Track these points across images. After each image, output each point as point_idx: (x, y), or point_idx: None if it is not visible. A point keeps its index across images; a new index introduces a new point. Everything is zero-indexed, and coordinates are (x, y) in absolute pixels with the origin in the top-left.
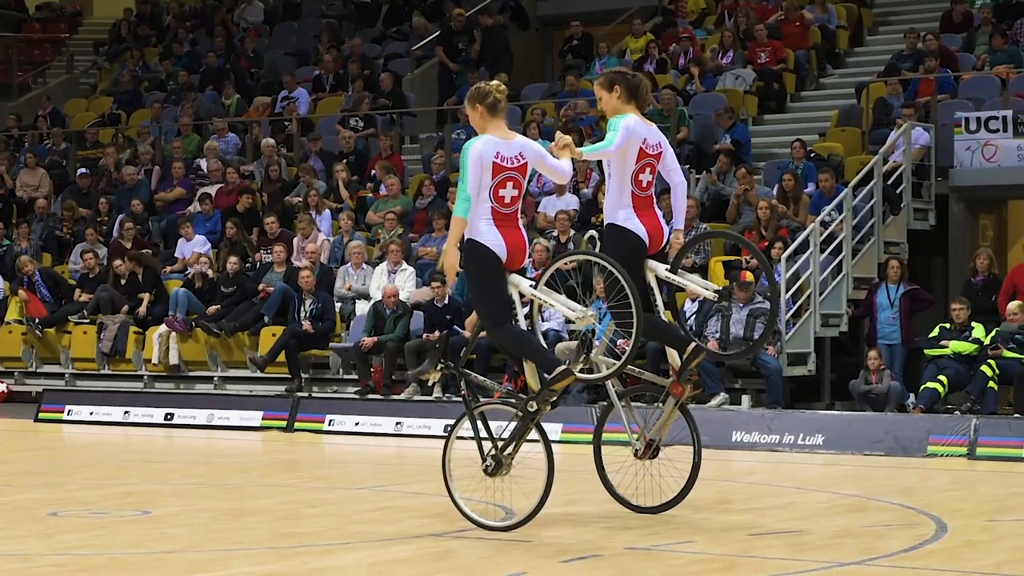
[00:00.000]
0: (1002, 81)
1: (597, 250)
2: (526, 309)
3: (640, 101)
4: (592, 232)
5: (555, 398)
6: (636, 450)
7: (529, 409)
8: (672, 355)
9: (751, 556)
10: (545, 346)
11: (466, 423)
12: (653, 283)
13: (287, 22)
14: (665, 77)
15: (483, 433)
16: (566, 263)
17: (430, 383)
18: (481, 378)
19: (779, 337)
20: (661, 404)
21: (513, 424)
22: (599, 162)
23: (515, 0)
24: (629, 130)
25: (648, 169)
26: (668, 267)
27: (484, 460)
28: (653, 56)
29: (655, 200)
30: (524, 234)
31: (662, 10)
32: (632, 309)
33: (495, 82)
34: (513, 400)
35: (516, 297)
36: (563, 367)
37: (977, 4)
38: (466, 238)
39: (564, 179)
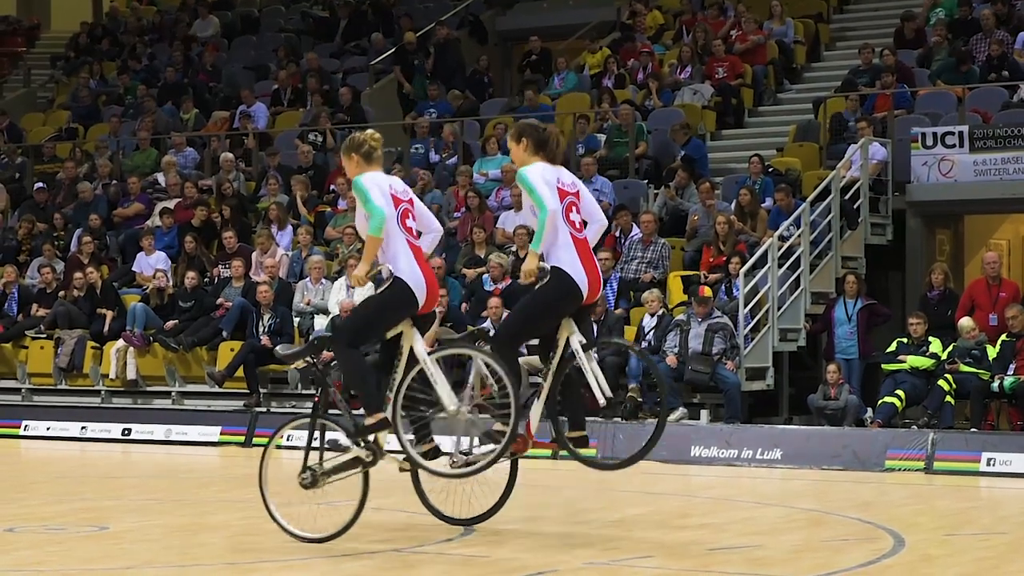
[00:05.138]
0: (958, 97)
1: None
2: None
3: (549, 153)
4: (476, 329)
5: (377, 454)
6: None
7: (364, 458)
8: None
9: (710, 571)
10: (371, 385)
11: (288, 431)
12: (574, 342)
13: (245, 36)
14: (624, 92)
15: (314, 444)
16: (451, 355)
17: (291, 366)
18: (340, 398)
19: (737, 352)
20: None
21: (342, 457)
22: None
23: (473, 15)
24: (542, 179)
25: (573, 208)
26: (584, 341)
27: (304, 471)
28: (612, 71)
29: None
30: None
31: (621, 25)
32: (510, 402)
33: (369, 131)
34: (352, 430)
35: (405, 352)
36: (381, 416)
37: (931, 21)
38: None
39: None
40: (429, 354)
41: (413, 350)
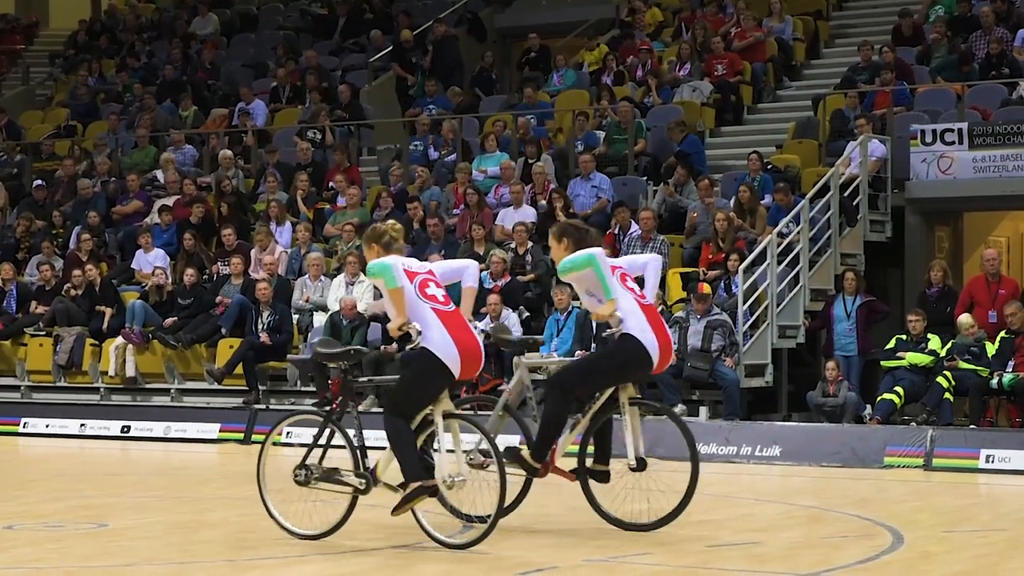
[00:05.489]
0: (957, 94)
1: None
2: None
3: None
4: (529, 338)
5: (370, 483)
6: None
7: (359, 485)
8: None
9: (709, 568)
10: (411, 454)
11: (284, 428)
12: (623, 397)
13: (244, 34)
14: (623, 89)
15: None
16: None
17: (343, 366)
18: (355, 413)
19: (736, 348)
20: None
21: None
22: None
23: (472, 12)
24: (605, 268)
25: (627, 278)
26: (635, 397)
27: (300, 468)
28: (611, 68)
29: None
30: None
31: (620, 22)
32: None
33: (390, 221)
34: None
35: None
36: (417, 485)
37: (931, 18)
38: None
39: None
40: (445, 417)
41: (433, 413)
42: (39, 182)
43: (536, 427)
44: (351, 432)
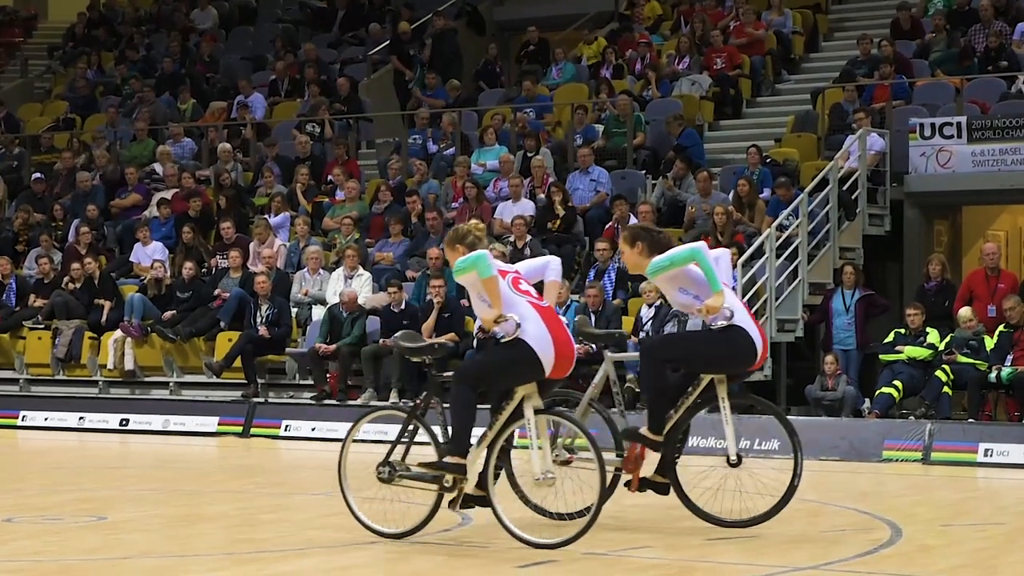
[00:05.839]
0: (956, 88)
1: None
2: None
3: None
4: (617, 332)
5: (460, 489)
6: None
7: (444, 484)
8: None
9: (707, 561)
10: (469, 428)
11: (364, 426)
12: (722, 391)
13: (243, 27)
14: (622, 83)
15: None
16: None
17: (427, 360)
18: (441, 410)
19: None
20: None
21: (423, 471)
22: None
23: (471, 5)
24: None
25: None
26: (736, 391)
27: (384, 464)
28: (610, 61)
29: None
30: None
31: (619, 16)
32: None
33: (473, 221)
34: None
35: (513, 405)
36: (462, 462)
37: (930, 11)
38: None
39: None
40: (537, 413)
41: (523, 406)
42: (38, 175)
43: (622, 421)
44: (436, 428)
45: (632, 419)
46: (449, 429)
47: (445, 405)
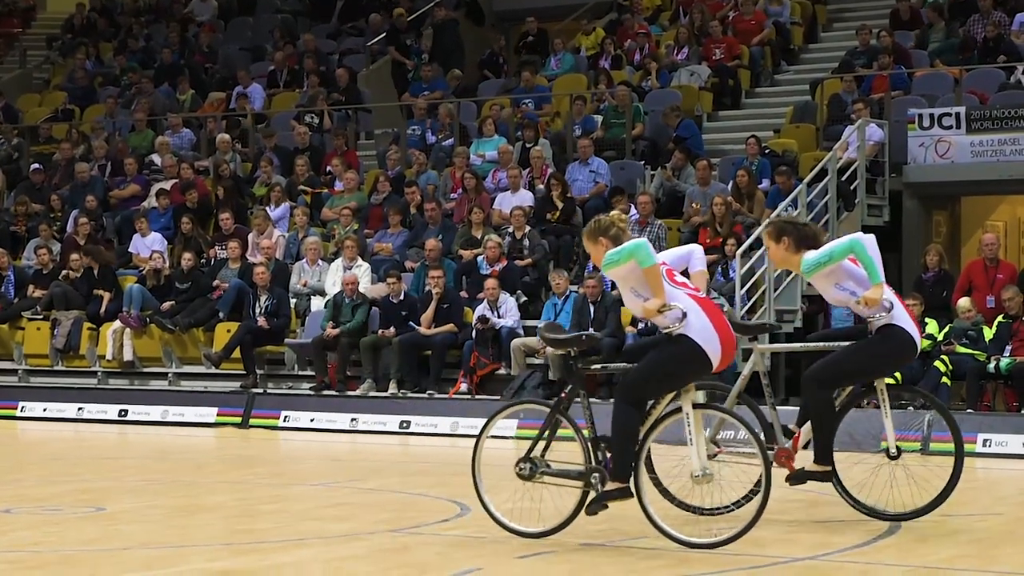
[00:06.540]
0: (955, 78)
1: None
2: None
3: (813, 245)
4: (768, 324)
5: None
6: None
7: (593, 481)
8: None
9: (705, 552)
10: (630, 453)
11: (499, 421)
12: (880, 385)
13: (241, 17)
14: (620, 73)
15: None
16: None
17: (572, 352)
18: (586, 404)
19: None
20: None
21: (571, 467)
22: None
23: None
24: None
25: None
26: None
27: (525, 461)
28: (608, 52)
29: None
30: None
31: (617, 6)
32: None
33: (615, 212)
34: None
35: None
36: (624, 486)
37: (928, 1)
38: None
39: None
40: (695, 407)
41: (680, 401)
42: (36, 166)
43: (772, 415)
44: (581, 423)
45: (782, 413)
46: (592, 439)
47: (592, 400)
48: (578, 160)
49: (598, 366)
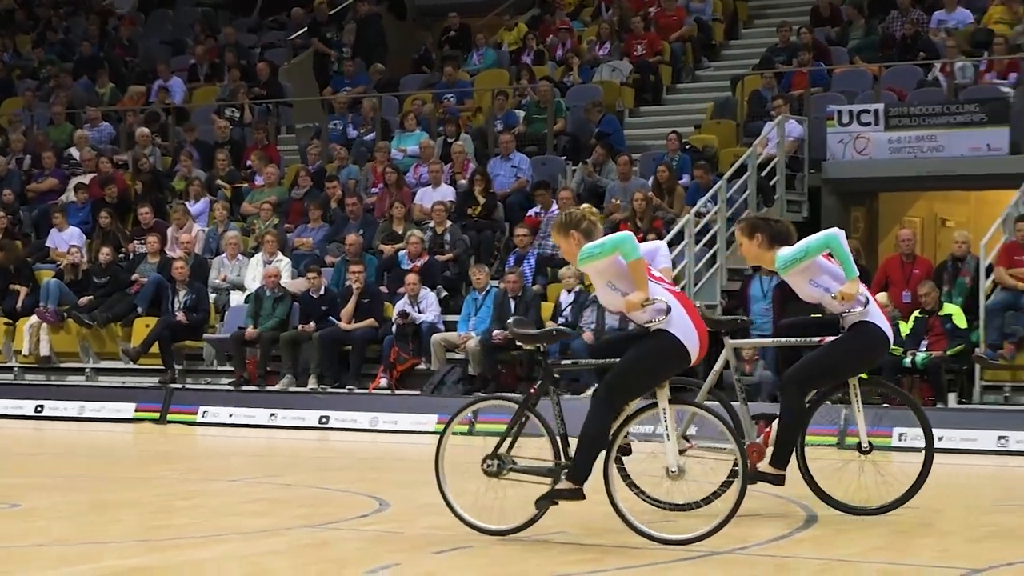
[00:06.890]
0: (874, 75)
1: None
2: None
3: (785, 241)
4: (740, 318)
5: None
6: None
7: (561, 488)
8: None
9: (623, 547)
10: (594, 456)
11: (464, 415)
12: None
13: (162, 10)
14: (542, 68)
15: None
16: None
17: (542, 348)
18: (556, 399)
19: None
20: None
21: (539, 464)
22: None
23: None
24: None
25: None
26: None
27: (492, 458)
28: (531, 47)
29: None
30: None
31: (540, 2)
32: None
33: (586, 206)
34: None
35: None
36: (577, 488)
37: None
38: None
39: None
40: (671, 403)
41: (657, 401)
42: None
43: (743, 410)
44: (550, 419)
45: (752, 407)
46: (562, 435)
47: (561, 396)
48: (500, 155)
49: (569, 362)
